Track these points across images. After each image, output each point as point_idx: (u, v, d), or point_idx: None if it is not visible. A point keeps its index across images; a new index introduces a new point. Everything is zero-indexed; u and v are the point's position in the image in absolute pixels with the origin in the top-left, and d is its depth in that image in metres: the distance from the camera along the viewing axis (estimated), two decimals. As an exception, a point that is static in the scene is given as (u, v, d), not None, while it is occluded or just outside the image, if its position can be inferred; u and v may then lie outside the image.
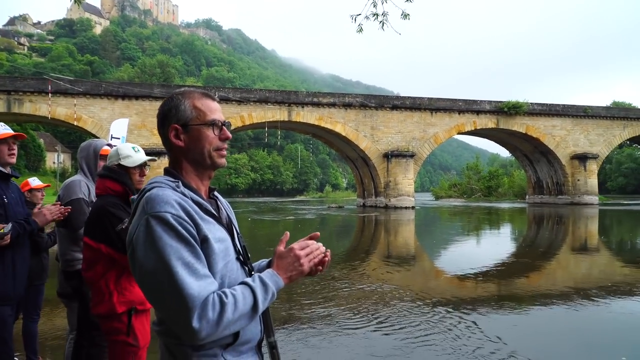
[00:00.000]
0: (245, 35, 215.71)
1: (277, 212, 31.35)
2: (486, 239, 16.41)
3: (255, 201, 59.28)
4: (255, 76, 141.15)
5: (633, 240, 16.33)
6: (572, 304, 6.45)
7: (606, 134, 40.41)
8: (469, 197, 60.00)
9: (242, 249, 1.48)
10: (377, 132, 35.12)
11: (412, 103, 36.05)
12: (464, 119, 37.25)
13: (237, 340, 1.35)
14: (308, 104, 33.98)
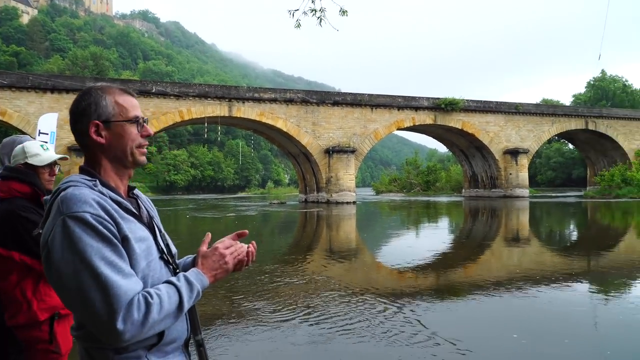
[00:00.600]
0: (184, 28, 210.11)
1: (217, 209, 30.83)
2: (425, 232, 16.82)
3: (195, 198, 58.09)
4: (195, 70, 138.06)
5: (561, 231, 17.25)
6: (504, 292, 6.69)
7: (536, 129, 42.43)
8: (408, 192, 61.39)
9: (165, 247, 1.46)
10: (318, 128, 35.23)
11: (353, 99, 36.40)
12: (403, 115, 38.01)
13: (161, 340, 1.32)
14: (249, 100, 33.59)
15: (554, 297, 6.45)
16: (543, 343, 4.61)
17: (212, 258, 1.43)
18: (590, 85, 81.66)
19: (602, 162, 47.82)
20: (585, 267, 9.06)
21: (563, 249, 11.93)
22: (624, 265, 9.10)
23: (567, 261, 9.77)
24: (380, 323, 5.08)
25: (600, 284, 7.46)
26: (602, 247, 11.82)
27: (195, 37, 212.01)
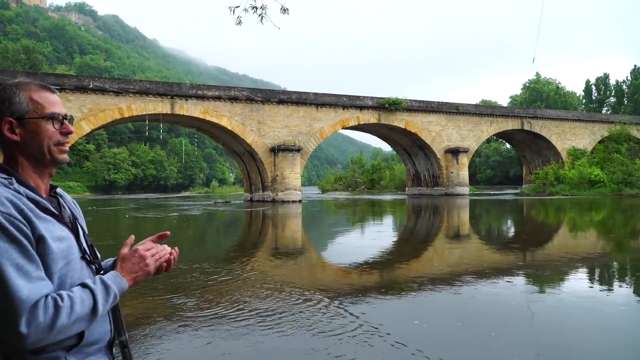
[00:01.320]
0: (123, 22, 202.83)
1: (160, 209, 29.98)
2: (370, 229, 16.98)
3: (136, 198, 56.31)
4: (136, 66, 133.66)
5: (499, 228, 17.87)
6: (445, 287, 6.80)
7: (475, 129, 43.86)
8: (353, 190, 62.05)
9: (88, 248, 1.46)
10: (263, 127, 34.93)
11: (299, 98, 36.34)
12: (348, 115, 38.31)
13: (82, 341, 1.31)
14: (192, 97, 32.84)
15: (491, 291, 6.61)
16: (481, 335, 4.69)
17: (132, 260, 1.42)
18: (526, 87, 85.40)
19: (537, 161, 50.06)
20: (521, 261, 9.37)
21: (501, 245, 12.33)
22: (557, 259, 9.48)
23: (504, 256, 10.09)
24: (319, 319, 5.01)
25: (535, 278, 7.72)
26: (537, 243, 12.30)
27: (136, 32, 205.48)
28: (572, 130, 48.09)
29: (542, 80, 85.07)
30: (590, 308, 5.72)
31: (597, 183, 37.80)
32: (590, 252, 10.45)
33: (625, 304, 6.04)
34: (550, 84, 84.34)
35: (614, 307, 5.82)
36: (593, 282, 7.54)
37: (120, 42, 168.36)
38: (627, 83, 73.03)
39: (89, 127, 30.20)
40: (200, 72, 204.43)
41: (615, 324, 5.18)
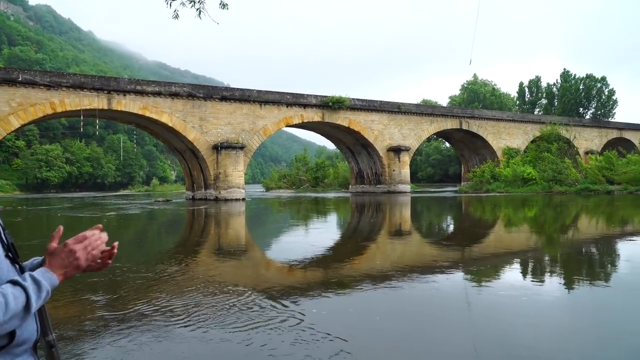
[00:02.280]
0: (56, 12, 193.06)
1: (96, 208, 28.80)
2: (314, 227, 17.00)
3: (71, 196, 53.86)
4: (70, 59, 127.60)
5: (439, 224, 18.35)
6: (387, 282, 6.88)
7: (417, 128, 44.90)
8: (298, 188, 62.06)
9: (9, 246, 1.39)
10: (206, 124, 34.27)
11: (242, 95, 35.90)
12: (292, 112, 38.23)
13: (12, 341, 1.27)
14: (131, 92, 31.73)
15: (430, 285, 6.75)
16: (418, 327, 4.76)
17: (61, 255, 1.36)
18: (464, 88, 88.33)
19: (474, 160, 51.89)
20: (459, 256, 9.64)
21: (440, 241, 12.65)
22: (493, 254, 9.82)
23: (443, 252, 10.35)
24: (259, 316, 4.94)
25: (472, 272, 7.96)
26: (475, 238, 12.72)
27: (70, 23, 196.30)
28: (507, 130, 50.17)
29: (479, 81, 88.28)
30: (524, 299, 5.95)
31: (529, 181, 39.63)
32: (523, 247, 10.90)
33: (556, 294, 6.32)
34: (487, 85, 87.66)
35: (546, 298, 6.08)
36: (526, 274, 7.86)
37: (53, 33, 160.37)
38: (557, 86, 76.93)
39: (18, 122, 28.56)
40: (139, 67, 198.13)
41: (547, 314, 5.40)
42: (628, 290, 6.50)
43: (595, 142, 56.22)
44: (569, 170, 38.18)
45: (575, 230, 14.47)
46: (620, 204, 23.86)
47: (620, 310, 5.57)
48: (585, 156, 50.10)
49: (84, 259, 1.38)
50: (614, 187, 34.09)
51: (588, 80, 72.94)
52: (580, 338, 4.61)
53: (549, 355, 4.10)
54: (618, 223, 16.18)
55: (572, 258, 9.38)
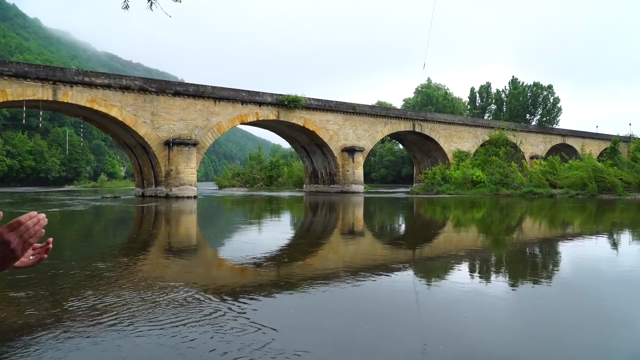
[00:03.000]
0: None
1: (39, 204, 27.60)
2: (268, 226, 16.88)
3: (11, 191, 51.44)
4: (13, 47, 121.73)
5: (391, 224, 18.60)
6: (339, 281, 6.89)
7: (371, 129, 45.42)
8: (251, 187, 61.59)
9: None
10: (158, 119, 33.48)
11: (196, 90, 35.28)
12: (247, 110, 37.90)
13: None
14: (78, 84, 30.60)
15: (381, 284, 6.81)
16: (373, 327, 4.78)
17: None
18: (418, 91, 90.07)
19: (426, 162, 52.99)
20: (410, 256, 9.78)
21: (392, 241, 12.82)
22: (442, 254, 10.02)
23: (395, 251, 10.48)
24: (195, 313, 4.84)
25: (423, 271, 8.09)
26: (425, 238, 12.95)
27: (15, 9, 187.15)
28: (458, 133, 51.52)
29: (433, 85, 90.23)
30: (472, 298, 6.08)
31: (478, 183, 40.80)
32: (472, 247, 11.19)
33: (503, 293, 6.50)
34: (440, 89, 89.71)
35: (493, 297, 6.24)
36: (474, 274, 8.05)
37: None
38: (506, 92, 79.60)
39: (-45, 111, 27.02)
40: (88, 57, 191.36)
41: (495, 311, 5.54)
42: (569, 289, 6.77)
43: (540, 147, 58.55)
44: (515, 174, 39.54)
45: (520, 231, 14.98)
46: (561, 207, 24.91)
47: (562, 307, 5.79)
48: (531, 161, 52.12)
49: (20, 249, 1.24)
50: (556, 191, 35.55)
51: (535, 87, 75.83)
52: (526, 335, 4.75)
53: (496, 352, 4.20)
54: (559, 225, 16.87)
55: (517, 258, 9.69)
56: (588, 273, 7.96)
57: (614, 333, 4.84)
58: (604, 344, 4.48)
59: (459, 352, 4.19)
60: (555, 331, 4.86)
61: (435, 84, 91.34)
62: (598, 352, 4.25)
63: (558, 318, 5.36)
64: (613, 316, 5.45)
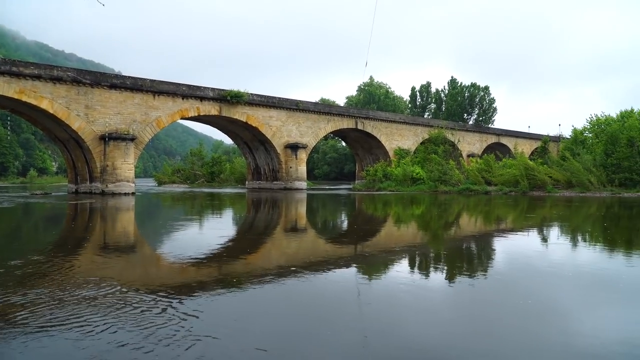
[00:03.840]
0: None
1: (-39, 201, 25.82)
2: (209, 223, 16.55)
3: None
4: None
5: (334, 221, 18.72)
6: (280, 278, 6.83)
7: (314, 126, 45.55)
8: (192, 183, 60.38)
9: None
10: (92, 112, 32.10)
11: (133, 83, 34.09)
12: (187, 105, 37.04)
13: None
14: (5, 73, 28.84)
15: (323, 281, 6.81)
16: (313, 324, 4.76)
17: None
18: (361, 89, 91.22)
19: (368, 159, 53.76)
20: (352, 252, 9.85)
21: (334, 237, 12.89)
22: (383, 249, 10.16)
23: (337, 247, 10.53)
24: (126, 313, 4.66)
25: (365, 267, 8.16)
26: (366, 235, 13.10)
27: None
28: (399, 131, 52.60)
29: (375, 83, 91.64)
30: (413, 292, 6.19)
31: (418, 180, 41.85)
32: (412, 242, 11.43)
33: (442, 288, 6.66)
34: (382, 88, 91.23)
35: (433, 291, 6.37)
36: (414, 269, 8.21)
37: None
38: (445, 92, 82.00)
39: None
40: (16, 46, 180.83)
41: (434, 304, 5.66)
42: (503, 282, 7.02)
43: (477, 146, 60.77)
44: (453, 172, 40.84)
45: (457, 227, 15.45)
46: (495, 203, 25.94)
47: (497, 300, 5.99)
48: (468, 159, 54.01)
49: None
50: (491, 188, 37.02)
51: (472, 88, 78.59)
52: (463, 327, 4.87)
53: (435, 344, 4.28)
54: (494, 221, 17.56)
55: (455, 253, 9.97)
56: (521, 267, 8.30)
57: (546, 324, 5.05)
58: (536, 334, 4.66)
59: (399, 346, 4.23)
60: (490, 323, 5.02)
61: (378, 82, 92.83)
62: (530, 342, 4.42)
63: (493, 311, 5.54)
64: (544, 308, 5.69)
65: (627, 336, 4.61)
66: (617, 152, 36.30)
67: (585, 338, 4.55)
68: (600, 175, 35.38)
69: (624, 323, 5.07)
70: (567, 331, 4.83)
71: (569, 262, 8.63)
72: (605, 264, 8.51)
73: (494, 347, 4.28)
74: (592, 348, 4.23)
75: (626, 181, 34.79)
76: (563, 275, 7.45)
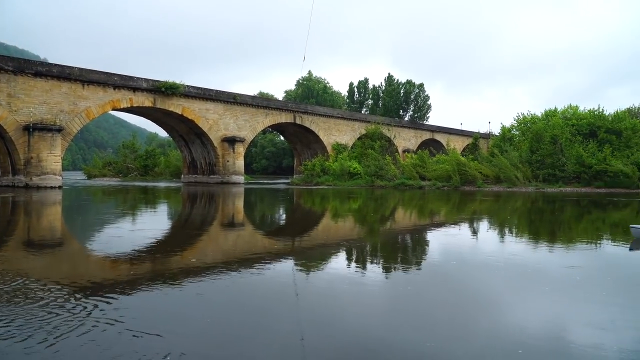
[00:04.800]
0: None
1: None
2: (143, 218, 16.04)
3: None
4: None
5: (272, 215, 18.64)
6: (218, 273, 6.73)
7: (252, 120, 45.09)
8: (125, 176, 58.35)
9: None
10: (16, 101, 30.19)
11: (61, 72, 32.35)
12: (119, 95, 35.61)
13: None
14: None
15: (259, 276, 6.77)
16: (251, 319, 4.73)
17: None
18: (299, 84, 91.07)
19: (306, 153, 53.89)
20: (290, 247, 9.87)
21: (272, 232, 12.85)
22: (321, 243, 10.24)
23: (275, 242, 10.51)
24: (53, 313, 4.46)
25: (303, 261, 8.19)
26: (304, 229, 13.16)
27: None
28: (337, 126, 53.06)
29: (314, 78, 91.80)
30: (351, 284, 6.27)
31: (355, 175, 42.43)
32: (349, 236, 11.58)
33: (379, 280, 6.79)
34: (320, 83, 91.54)
35: (370, 284, 6.49)
36: (352, 262, 8.32)
37: None
38: (382, 88, 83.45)
39: None
40: None
41: (371, 297, 5.76)
42: (437, 274, 7.26)
43: (412, 141, 62.38)
44: (389, 167, 41.73)
45: (393, 221, 15.82)
46: (429, 197, 26.77)
47: (431, 291, 6.19)
48: (403, 154, 55.32)
49: None
50: (425, 183, 38.16)
51: (408, 85, 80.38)
52: (399, 317, 4.99)
53: (373, 335, 4.36)
54: (428, 215, 18.11)
55: (391, 246, 10.21)
56: (453, 258, 8.62)
57: (477, 312, 5.28)
58: (468, 322, 4.86)
59: (336, 337, 4.28)
60: (425, 313, 5.18)
61: (316, 77, 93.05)
62: (462, 330, 4.60)
63: (427, 301, 5.72)
64: (475, 297, 5.95)
65: (550, 323, 4.91)
66: (542, 149, 38.41)
67: (510, 327, 4.79)
68: (526, 171, 37.32)
69: (548, 311, 5.38)
70: (494, 319, 5.07)
71: (499, 254, 9.05)
72: (530, 254, 9.01)
73: (427, 336, 4.42)
74: (516, 336, 4.46)
75: (549, 177, 36.89)
76: (493, 266, 7.80)
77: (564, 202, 23.44)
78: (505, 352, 4.04)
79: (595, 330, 4.61)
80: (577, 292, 6.20)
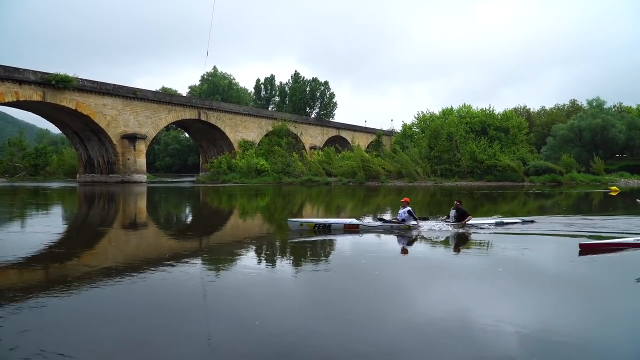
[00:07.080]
0: None
1: None
2: (34, 222, 14.80)
3: None
4: None
5: (177, 215, 18.03)
6: (118, 277, 6.38)
7: (154, 116, 43.33)
8: (11, 177, 53.83)
9: None
10: None
11: None
12: (3, 88, 32.68)
13: None
14: None
15: (166, 277, 6.52)
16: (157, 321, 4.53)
17: None
18: (204, 80, 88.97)
19: (212, 151, 52.80)
20: (197, 246, 9.59)
21: (178, 232, 12.42)
22: (229, 241, 10.07)
23: (181, 242, 10.16)
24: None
25: (210, 260, 7.98)
26: (212, 228, 12.86)
27: None
28: (244, 123, 52.50)
29: (219, 74, 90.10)
30: (263, 282, 6.21)
31: (262, 172, 42.28)
32: (257, 234, 11.49)
33: (288, 276, 6.79)
34: (226, 79, 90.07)
35: (279, 280, 6.46)
36: (262, 259, 8.25)
37: None
38: (289, 85, 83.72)
39: None
40: None
41: (285, 293, 5.74)
42: (348, 268, 7.40)
43: (319, 138, 63.27)
44: (296, 164, 42.05)
45: (301, 217, 15.92)
46: (336, 193, 27.30)
47: (344, 284, 6.29)
48: (310, 151, 55.95)
49: None
50: (332, 179, 38.90)
51: (314, 82, 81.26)
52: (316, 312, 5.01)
53: (293, 332, 4.33)
54: (335, 210, 18.44)
55: (300, 243, 10.25)
56: (362, 253, 8.82)
57: (388, 303, 5.44)
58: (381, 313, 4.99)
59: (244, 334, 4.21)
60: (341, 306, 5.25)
61: (222, 73, 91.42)
62: (376, 321, 4.72)
63: (341, 294, 5.81)
64: (387, 289, 6.12)
65: (454, 306, 5.18)
66: (439, 146, 40.63)
67: (422, 314, 5.00)
68: (425, 166, 39.30)
69: (451, 297, 5.67)
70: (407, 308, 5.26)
71: (405, 247, 9.40)
72: (434, 248, 9.46)
73: (344, 328, 4.47)
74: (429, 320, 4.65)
75: (446, 172, 39.13)
76: (402, 259, 8.09)
77: (459, 194, 24.94)
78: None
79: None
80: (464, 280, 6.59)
